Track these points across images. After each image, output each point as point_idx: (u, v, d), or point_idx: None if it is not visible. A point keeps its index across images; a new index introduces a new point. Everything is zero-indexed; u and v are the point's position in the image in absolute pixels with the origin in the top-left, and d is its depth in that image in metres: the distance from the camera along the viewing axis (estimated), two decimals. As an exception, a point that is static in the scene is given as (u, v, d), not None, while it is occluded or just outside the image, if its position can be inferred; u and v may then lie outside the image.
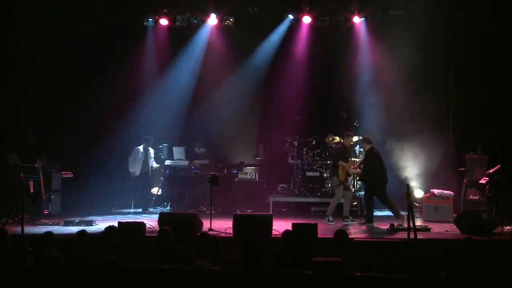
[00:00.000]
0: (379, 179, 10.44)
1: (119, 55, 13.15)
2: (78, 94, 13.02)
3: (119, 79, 12.95)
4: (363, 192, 11.93)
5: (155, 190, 13.17)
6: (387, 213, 11.11)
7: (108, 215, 11.85)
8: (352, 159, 11.85)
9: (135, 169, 12.57)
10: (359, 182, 12.43)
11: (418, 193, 12.31)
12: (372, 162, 10.51)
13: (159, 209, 12.50)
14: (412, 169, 12.51)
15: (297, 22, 13.43)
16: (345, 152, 10.98)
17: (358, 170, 10.89)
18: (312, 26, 13.37)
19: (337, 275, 4.37)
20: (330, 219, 10.60)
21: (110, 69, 12.97)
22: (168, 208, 12.59)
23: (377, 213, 11.25)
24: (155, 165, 12.83)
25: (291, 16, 13.25)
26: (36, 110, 12.94)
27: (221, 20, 13.36)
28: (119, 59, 13.09)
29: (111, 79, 12.90)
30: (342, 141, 11.16)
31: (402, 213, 10.19)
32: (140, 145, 12.65)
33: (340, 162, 10.73)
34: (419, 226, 9.43)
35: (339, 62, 13.16)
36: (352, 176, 11.67)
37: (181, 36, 13.63)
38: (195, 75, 13.62)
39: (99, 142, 12.93)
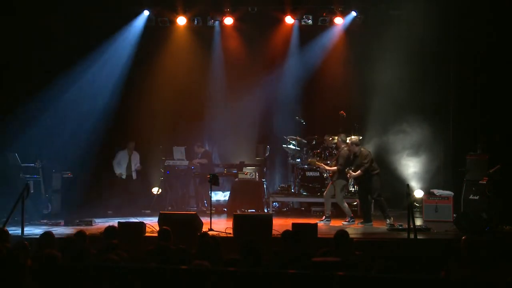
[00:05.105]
0: (374, 178, 10.44)
1: (119, 56, 13.13)
2: (78, 94, 13.01)
3: (119, 80, 12.95)
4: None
5: (155, 190, 13.16)
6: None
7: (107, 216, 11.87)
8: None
9: (121, 170, 12.69)
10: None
11: (418, 193, 12.30)
12: (364, 162, 10.48)
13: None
14: (412, 169, 12.51)
15: (296, 22, 13.44)
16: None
17: (359, 172, 10.48)
18: (311, 26, 13.36)
19: (337, 275, 4.36)
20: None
21: (110, 69, 12.96)
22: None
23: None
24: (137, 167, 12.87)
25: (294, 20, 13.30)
26: (36, 110, 12.92)
27: (220, 20, 13.36)
28: (119, 59, 13.08)
29: (112, 80, 12.89)
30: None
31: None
32: (124, 149, 12.77)
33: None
34: (419, 226, 9.43)
35: (338, 61, 13.15)
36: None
37: (181, 36, 13.62)
38: (195, 76, 13.61)
39: (99, 142, 12.92)
